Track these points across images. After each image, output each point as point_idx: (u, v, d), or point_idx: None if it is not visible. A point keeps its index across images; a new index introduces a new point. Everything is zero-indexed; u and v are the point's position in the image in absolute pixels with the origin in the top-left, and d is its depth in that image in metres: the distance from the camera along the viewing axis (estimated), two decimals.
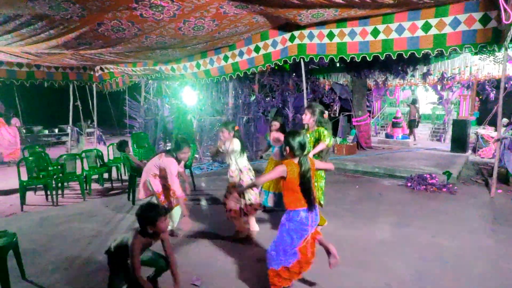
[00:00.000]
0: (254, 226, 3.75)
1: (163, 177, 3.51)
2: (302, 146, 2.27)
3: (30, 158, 5.24)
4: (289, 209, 2.32)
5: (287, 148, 2.30)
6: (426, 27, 4.18)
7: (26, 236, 3.59)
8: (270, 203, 4.08)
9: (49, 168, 5.20)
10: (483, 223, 4.12)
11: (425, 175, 6.07)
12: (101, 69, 7.77)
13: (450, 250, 3.35)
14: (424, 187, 5.69)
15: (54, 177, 5.09)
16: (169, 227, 3.60)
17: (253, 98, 10.68)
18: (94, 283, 2.75)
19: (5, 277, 2.44)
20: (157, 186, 3.53)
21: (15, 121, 8.03)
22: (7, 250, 2.56)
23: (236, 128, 3.59)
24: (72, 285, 2.72)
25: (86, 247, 3.43)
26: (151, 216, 2.22)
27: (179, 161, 3.45)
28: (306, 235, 2.34)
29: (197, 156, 8.48)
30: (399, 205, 4.85)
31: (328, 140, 3.44)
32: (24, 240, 3.33)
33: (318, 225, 3.47)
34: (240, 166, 3.57)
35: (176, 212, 3.71)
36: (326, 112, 3.70)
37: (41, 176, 5.14)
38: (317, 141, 3.51)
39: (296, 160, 2.28)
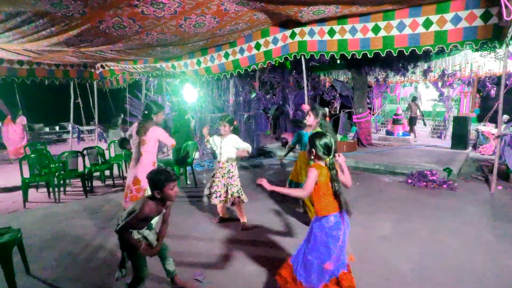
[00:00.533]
0: (243, 218, 3.86)
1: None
2: (329, 148, 2.16)
3: (32, 155, 5.26)
4: (320, 215, 2.20)
5: (314, 150, 2.18)
6: (427, 23, 4.17)
7: (29, 233, 3.61)
8: None
9: (51, 166, 5.22)
10: (483, 219, 4.14)
11: (425, 171, 6.09)
12: (102, 66, 7.77)
13: (450, 245, 3.37)
14: (425, 183, 5.71)
15: (56, 174, 5.11)
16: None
17: (253, 95, 10.69)
18: (98, 278, 2.78)
19: (11, 272, 2.46)
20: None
21: (21, 119, 8.06)
22: (12, 246, 2.59)
23: (235, 123, 3.80)
24: (76, 281, 2.75)
25: (89, 243, 3.46)
26: (160, 180, 2.18)
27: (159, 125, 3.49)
28: (340, 240, 2.17)
29: (198, 153, 8.49)
30: (399, 201, 4.87)
31: None
32: (27, 236, 3.35)
33: None
34: (231, 161, 3.78)
35: None
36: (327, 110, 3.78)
37: (43, 173, 5.17)
38: None
39: (323, 163, 2.18)
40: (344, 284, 2.18)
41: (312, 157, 2.22)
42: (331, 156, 2.17)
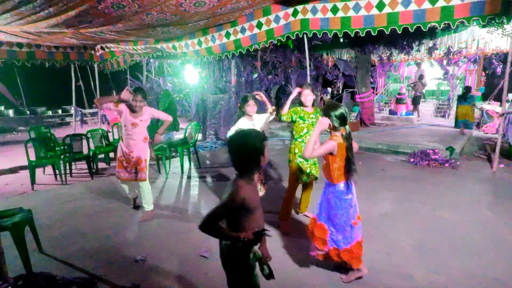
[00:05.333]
0: None
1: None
2: (345, 118, 2.20)
3: (37, 138, 5.31)
4: (336, 183, 2.28)
5: (329, 122, 2.18)
6: None
7: (39, 213, 3.69)
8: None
9: (56, 148, 5.28)
10: (483, 197, 4.19)
11: (428, 150, 6.11)
12: (102, 48, 7.68)
13: (450, 222, 3.44)
14: (427, 162, 5.74)
15: (62, 157, 5.17)
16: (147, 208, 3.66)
17: (255, 75, 10.58)
18: (107, 256, 2.88)
19: (24, 250, 2.56)
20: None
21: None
22: (24, 225, 2.67)
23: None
24: (87, 258, 2.85)
25: (98, 223, 3.56)
26: (262, 140, 1.51)
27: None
28: (352, 204, 2.32)
29: (200, 134, 8.52)
30: (401, 180, 4.92)
31: None
32: (38, 217, 3.43)
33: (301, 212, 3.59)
34: None
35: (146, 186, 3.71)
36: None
37: (48, 156, 5.23)
38: None
39: (338, 134, 2.22)
40: (359, 251, 2.35)
41: (329, 129, 2.24)
42: (346, 126, 2.21)
